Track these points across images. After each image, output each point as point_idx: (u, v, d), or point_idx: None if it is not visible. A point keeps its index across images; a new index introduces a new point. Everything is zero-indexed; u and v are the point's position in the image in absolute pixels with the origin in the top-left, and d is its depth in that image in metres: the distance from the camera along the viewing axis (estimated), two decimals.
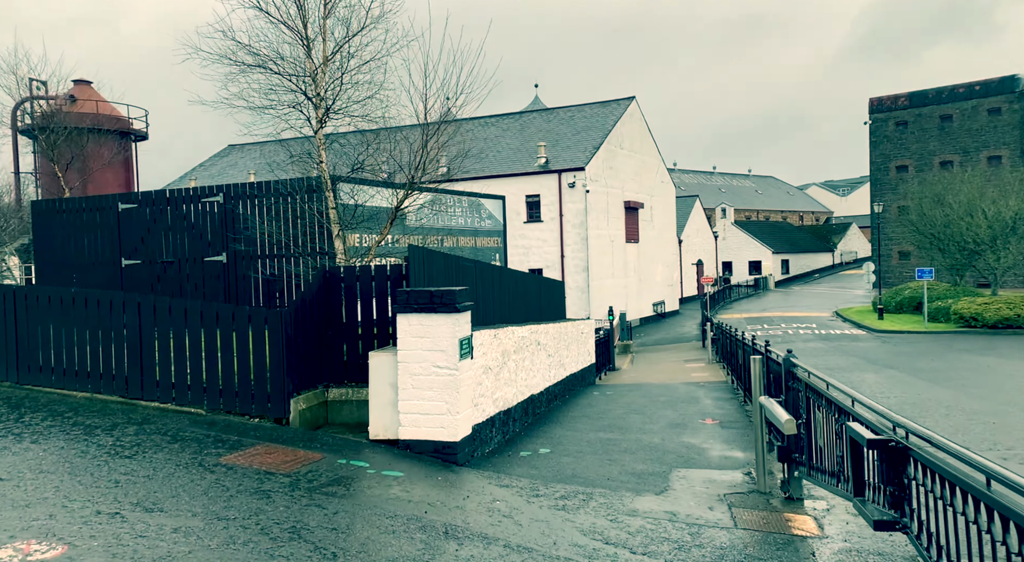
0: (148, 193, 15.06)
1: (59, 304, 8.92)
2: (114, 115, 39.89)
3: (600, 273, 37.62)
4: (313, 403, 8.67)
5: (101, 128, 37.61)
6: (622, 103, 42.73)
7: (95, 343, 8.73)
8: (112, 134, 38.31)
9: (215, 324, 8.29)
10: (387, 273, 8.92)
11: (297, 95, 10.00)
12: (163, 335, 8.45)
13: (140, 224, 14.57)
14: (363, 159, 10.31)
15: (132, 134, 40.86)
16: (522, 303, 13.38)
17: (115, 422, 7.76)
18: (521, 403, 11.04)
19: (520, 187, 37.74)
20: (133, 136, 41.19)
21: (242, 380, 8.27)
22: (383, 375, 8.13)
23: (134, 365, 8.56)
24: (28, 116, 34.69)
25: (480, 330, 8.94)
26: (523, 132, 42.49)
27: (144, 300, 8.53)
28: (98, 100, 39.99)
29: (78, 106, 38.79)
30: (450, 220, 15.28)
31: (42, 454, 6.54)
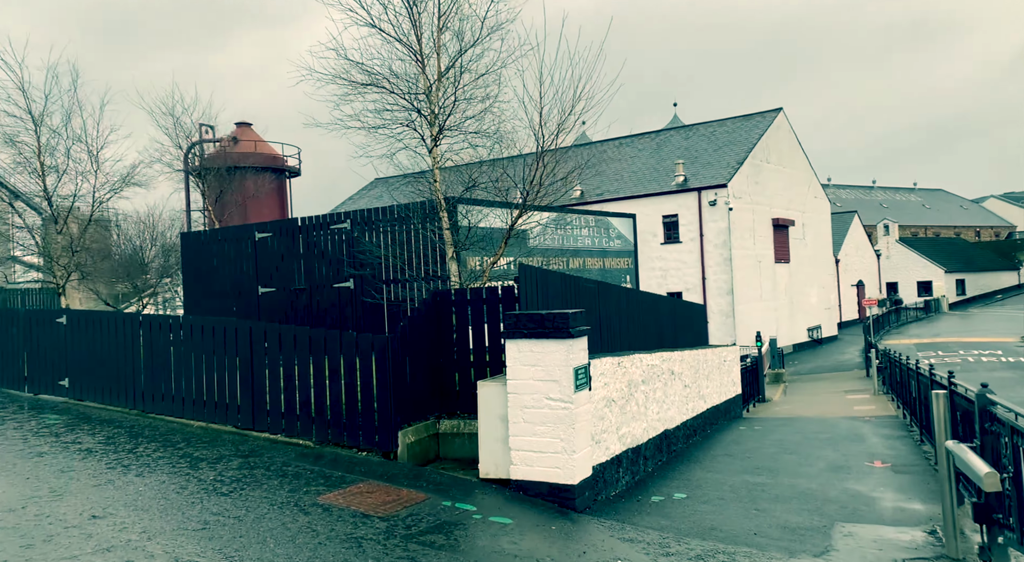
0: (281, 222, 15.40)
1: (178, 332, 8.95)
2: (270, 153, 42.57)
3: (746, 296, 35.34)
4: (423, 436, 8.10)
5: (259, 166, 40.25)
6: (767, 115, 40.38)
7: (210, 371, 8.64)
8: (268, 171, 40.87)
9: (322, 351, 7.93)
10: (498, 295, 8.25)
11: (410, 113, 9.64)
12: (272, 363, 8.21)
13: (275, 252, 14.89)
14: (476, 177, 9.76)
15: (286, 171, 43.39)
16: (653, 328, 12.30)
17: (222, 454, 7.52)
18: (653, 440, 9.96)
19: (656, 207, 36.37)
20: (287, 173, 43.72)
21: (349, 411, 7.84)
22: (492, 407, 7.41)
23: (246, 394, 8.38)
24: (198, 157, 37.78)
25: (601, 358, 8.04)
26: (660, 151, 41.12)
27: (255, 327, 8.35)
28: (256, 140, 42.81)
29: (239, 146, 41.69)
30: (575, 241, 14.49)
31: (142, 489, 6.33)
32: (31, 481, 6.45)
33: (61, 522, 5.43)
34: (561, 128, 9.52)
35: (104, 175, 15.22)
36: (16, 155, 14.51)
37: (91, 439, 8.02)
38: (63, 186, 15.01)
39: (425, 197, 10.35)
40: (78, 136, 14.95)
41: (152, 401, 9.23)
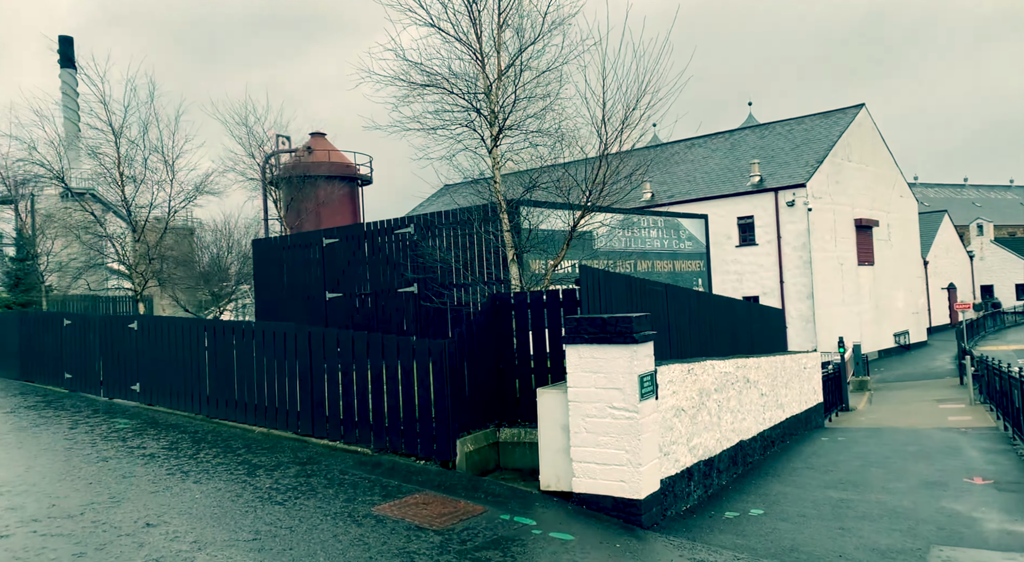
0: (347, 227, 15.48)
1: (240, 337, 8.96)
2: (343, 162, 43.44)
3: (827, 300, 33.83)
4: (482, 445, 7.83)
5: (332, 175, 41.11)
6: (849, 112, 38.68)
7: (270, 377, 8.61)
8: (341, 180, 41.70)
9: (379, 356, 7.77)
10: (559, 299, 7.92)
11: (469, 113, 9.43)
12: (330, 368, 8.10)
13: (341, 258, 14.96)
14: (537, 177, 9.45)
15: (358, 179, 44.20)
16: (727, 334, 11.71)
17: (280, 461, 7.44)
18: (727, 451, 9.42)
19: (731, 209, 35.26)
20: (359, 181, 44.51)
21: (406, 418, 7.64)
22: (553, 416, 7.07)
23: (305, 400, 8.30)
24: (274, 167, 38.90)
25: (668, 364, 7.60)
26: (733, 151, 39.92)
27: (313, 331, 8.26)
28: (330, 149, 43.73)
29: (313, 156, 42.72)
30: (643, 243, 14.01)
31: (199, 496, 6.27)
32: (93, 486, 6.49)
33: (116, 530, 5.39)
34: (625, 124, 9.13)
35: (179, 184, 15.65)
36: (97, 166, 15.05)
37: (155, 444, 8.09)
38: (140, 195, 15.49)
39: (485, 199, 10.12)
40: (155, 147, 15.44)
41: (216, 406, 9.28)
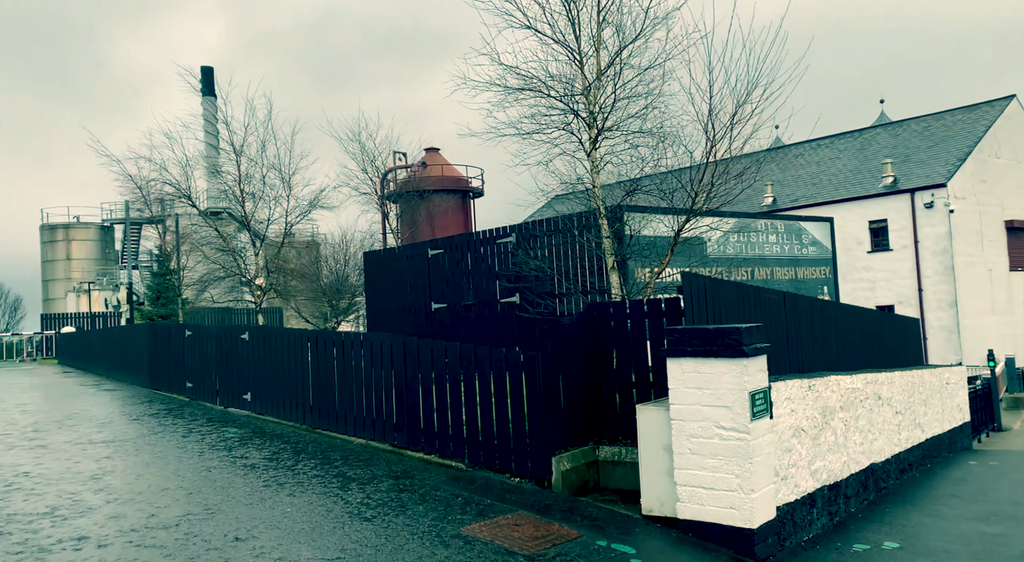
0: (450, 238, 15.49)
1: (341, 348, 8.98)
2: (455, 176, 44.21)
3: (973, 309, 30.95)
4: (580, 463, 7.42)
5: (445, 189, 41.96)
6: (997, 104, 35.40)
7: (368, 388, 8.57)
8: (454, 193, 42.50)
9: (472, 368, 7.54)
10: (661, 308, 7.41)
11: (566, 115, 9.10)
12: (425, 380, 7.95)
13: (445, 269, 14.98)
14: (638, 179, 8.98)
15: (470, 192, 44.86)
16: (855, 346, 10.72)
17: (374, 475, 7.33)
18: (855, 475, 8.54)
19: (860, 212, 33.00)
20: (471, 193, 45.16)
21: (500, 433, 7.36)
22: (654, 435, 6.57)
23: (401, 412, 8.19)
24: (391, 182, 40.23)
25: (786, 380, 6.92)
26: (863, 151, 37.43)
27: (408, 342, 8.14)
28: (443, 164, 44.67)
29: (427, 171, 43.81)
30: (760, 249, 13.14)
31: (289, 510, 6.22)
32: (192, 497, 6.59)
33: (205, 543, 5.38)
34: (735, 120, 8.51)
35: (295, 199, 16.21)
36: (220, 184, 15.81)
37: (257, 454, 8.20)
38: (259, 211, 16.16)
39: (585, 205, 9.74)
40: (272, 163, 16.06)
41: (318, 417, 9.36)
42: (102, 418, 10.97)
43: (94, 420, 10.79)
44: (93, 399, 13.64)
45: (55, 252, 56.56)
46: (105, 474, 7.37)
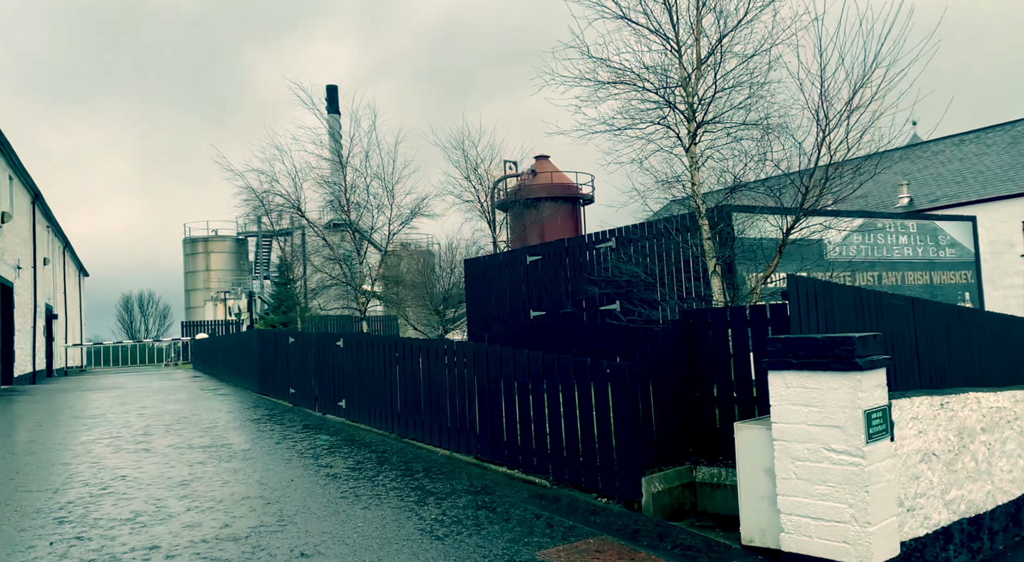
0: (550, 244, 15.14)
1: (433, 356, 8.78)
2: (565, 183, 43.90)
3: None
4: (673, 484, 6.83)
5: (554, 196, 41.80)
6: None
7: (451, 397, 8.32)
8: (564, 201, 42.25)
9: (556, 378, 7.11)
10: (766, 316, 6.71)
11: (662, 109, 8.54)
12: (507, 390, 7.60)
13: (543, 276, 14.64)
14: (742, 176, 8.28)
15: (580, 198, 44.45)
16: (1001, 359, 9.47)
17: (454, 489, 7.03)
18: (1003, 507, 7.45)
19: (1013, 211, 29.98)
20: (581, 200, 44.72)
21: (586, 449, 6.89)
22: (755, 456, 5.91)
23: (484, 424, 7.87)
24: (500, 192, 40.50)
25: (910, 397, 6.07)
26: (1016, 144, 34.07)
27: (490, 351, 7.83)
28: (552, 171, 44.50)
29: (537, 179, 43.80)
30: (889, 251, 11.96)
31: (360, 524, 6.02)
32: (269, 507, 6.52)
33: (271, 558, 5.25)
34: (852, 106, 7.67)
35: (398, 207, 16.36)
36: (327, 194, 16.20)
37: (342, 464, 8.11)
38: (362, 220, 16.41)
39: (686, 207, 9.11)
40: (375, 173, 16.29)
41: (406, 426, 9.21)
42: (207, 423, 11.33)
43: (199, 425, 11.16)
44: (206, 403, 14.21)
45: (195, 264, 60.64)
46: (194, 480, 7.48)
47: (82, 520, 6.15)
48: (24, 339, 24.87)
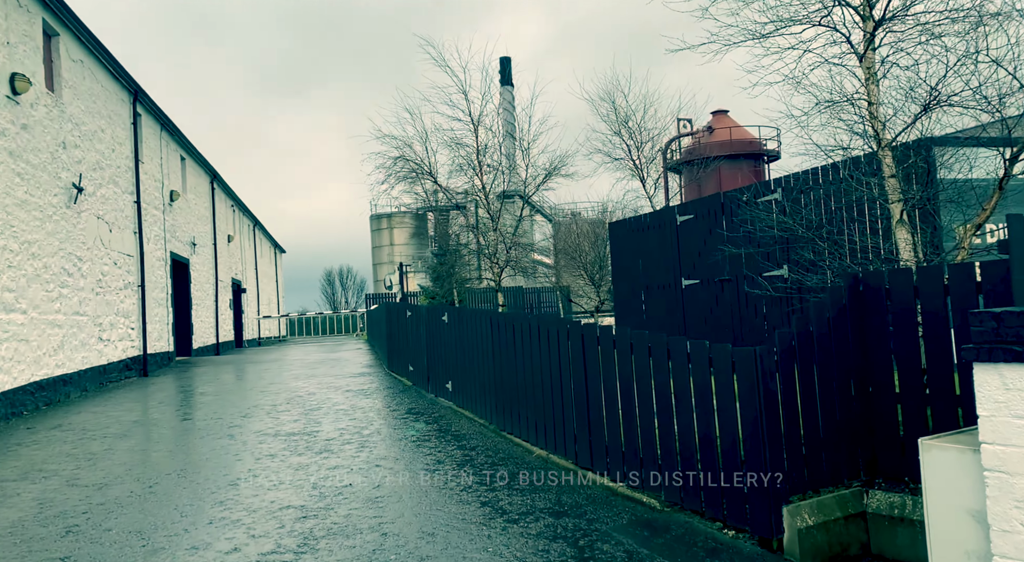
0: (702, 201, 13.08)
1: (521, 331, 7.34)
2: (746, 139, 40.51)
3: None
4: (833, 516, 4.93)
5: (734, 154, 38.72)
6: None
7: (545, 386, 6.84)
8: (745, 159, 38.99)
9: (664, 366, 5.42)
10: (974, 278, 4.58)
11: (824, 4, 6.39)
12: (607, 381, 6.00)
13: (697, 237, 12.66)
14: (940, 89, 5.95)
15: (764, 155, 40.84)
16: None
17: (533, 507, 5.59)
18: None
19: None
20: (765, 157, 41.09)
21: (706, 462, 5.17)
22: (952, 490, 3.93)
23: (581, 423, 6.34)
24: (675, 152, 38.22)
25: None
26: None
27: (587, 331, 6.24)
28: (731, 126, 41.23)
29: (714, 136, 40.88)
30: None
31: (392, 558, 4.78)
32: (325, 513, 5.46)
33: None
34: None
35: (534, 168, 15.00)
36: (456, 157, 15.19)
37: (420, 462, 6.93)
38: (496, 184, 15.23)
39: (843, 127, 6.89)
40: (509, 131, 14.99)
41: (504, 417, 7.88)
42: (313, 404, 10.70)
43: (305, 406, 10.55)
44: (331, 381, 13.77)
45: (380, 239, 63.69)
46: (244, 480, 6.63)
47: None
48: (204, 312, 26.50)
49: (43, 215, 11.95)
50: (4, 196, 10.54)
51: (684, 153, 38.08)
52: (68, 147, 13.28)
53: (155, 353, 18.94)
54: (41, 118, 12.07)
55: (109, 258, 15.43)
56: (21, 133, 11.22)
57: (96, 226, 14.67)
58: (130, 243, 17.09)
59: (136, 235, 17.54)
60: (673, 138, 38.06)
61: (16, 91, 10.92)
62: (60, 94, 13.20)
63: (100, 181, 15.03)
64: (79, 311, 13.41)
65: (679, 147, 38.86)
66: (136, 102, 17.98)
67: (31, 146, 11.59)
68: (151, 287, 18.80)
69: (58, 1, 12.71)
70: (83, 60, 14.34)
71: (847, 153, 7.07)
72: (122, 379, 15.81)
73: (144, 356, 17.51)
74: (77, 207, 13.58)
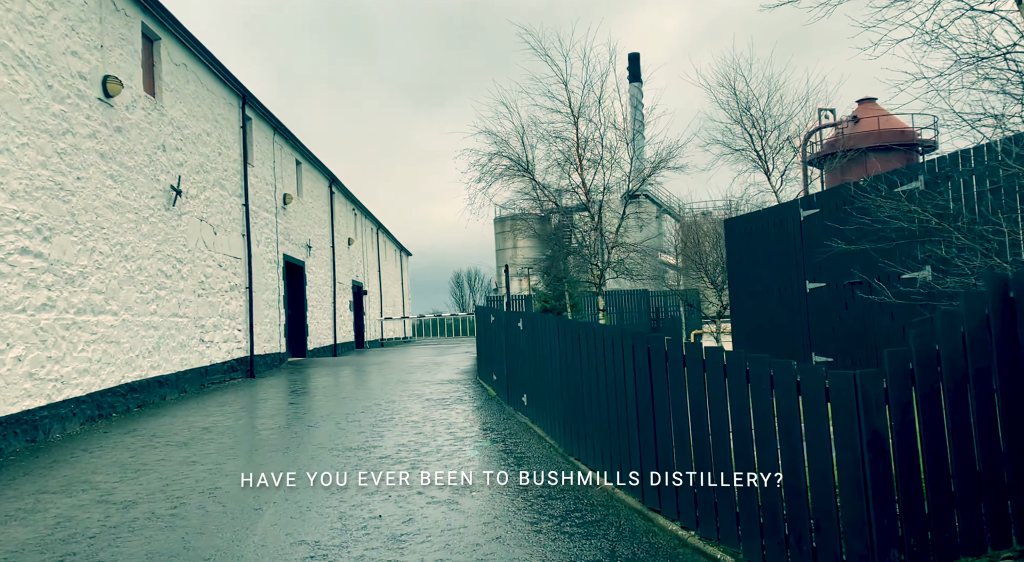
0: (828, 192, 11.56)
1: (580, 341, 6.40)
2: (896, 128, 37.27)
3: None
4: None
5: (884, 145, 35.77)
6: None
7: (606, 406, 5.88)
8: (897, 149, 35.86)
9: (744, 391, 4.37)
10: None
11: None
12: (675, 401, 4.98)
13: (823, 234, 11.17)
14: None
15: (918, 145, 37.39)
16: None
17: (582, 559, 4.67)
18: None
19: None
20: (920, 147, 37.61)
21: (793, 512, 4.08)
22: None
23: (647, 452, 5.34)
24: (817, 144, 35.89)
25: None
26: None
27: (653, 341, 5.23)
28: (880, 115, 38.08)
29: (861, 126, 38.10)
30: None
31: None
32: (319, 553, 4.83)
33: None
34: None
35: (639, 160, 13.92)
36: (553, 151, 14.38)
37: (460, 502, 6.14)
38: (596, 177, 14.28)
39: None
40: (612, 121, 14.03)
41: (570, 438, 6.97)
42: (391, 411, 10.18)
43: (386, 410, 10.04)
44: (417, 388, 13.27)
45: (504, 241, 64.27)
46: (264, 508, 6.09)
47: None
48: (321, 314, 27.09)
49: (138, 217, 12.20)
50: (94, 198, 10.76)
51: (825, 146, 35.57)
52: (168, 150, 13.59)
53: (265, 354, 19.32)
54: (138, 121, 12.35)
55: (213, 260, 15.77)
56: (114, 136, 11.47)
57: (199, 228, 14.99)
58: (237, 245, 17.46)
59: (244, 237, 17.93)
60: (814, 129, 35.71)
61: (108, 93, 11.16)
62: (160, 97, 13.52)
63: (204, 184, 15.37)
64: (178, 313, 13.69)
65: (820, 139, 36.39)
66: (245, 106, 18.41)
67: (126, 148, 11.85)
68: (261, 289, 19.20)
69: (158, 5, 13.01)
70: (186, 64, 14.69)
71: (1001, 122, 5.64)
72: (226, 380, 16.11)
73: (251, 358, 17.85)
74: (177, 209, 13.87)
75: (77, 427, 9.82)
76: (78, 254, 10.27)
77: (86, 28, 10.78)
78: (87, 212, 10.56)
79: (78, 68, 10.49)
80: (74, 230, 10.20)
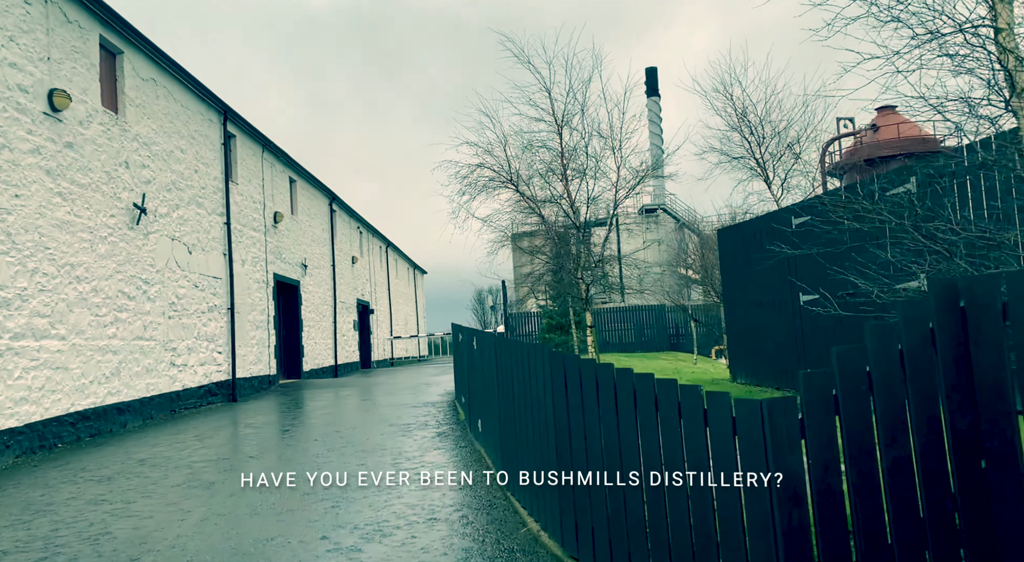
0: (820, 197, 10.87)
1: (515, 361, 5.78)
2: (916, 136, 36.45)
3: None
4: None
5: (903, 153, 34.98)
6: None
7: (528, 428, 5.25)
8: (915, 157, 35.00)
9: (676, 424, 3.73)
10: None
11: None
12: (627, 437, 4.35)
13: (816, 243, 10.48)
14: None
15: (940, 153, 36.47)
16: None
17: None
18: None
19: None
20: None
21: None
22: None
23: (566, 490, 4.70)
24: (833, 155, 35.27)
25: None
26: None
27: (585, 366, 4.61)
28: (899, 123, 37.27)
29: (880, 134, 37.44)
30: None
31: None
32: None
33: None
34: None
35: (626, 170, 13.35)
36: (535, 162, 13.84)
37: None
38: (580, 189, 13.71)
39: None
40: (597, 130, 13.47)
41: (509, 465, 6.32)
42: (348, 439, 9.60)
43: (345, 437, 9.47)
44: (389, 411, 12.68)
45: (520, 258, 63.85)
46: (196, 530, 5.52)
47: None
48: (319, 334, 26.64)
49: (94, 237, 11.82)
50: (37, 217, 10.38)
51: (844, 155, 34.88)
52: (132, 167, 13.24)
53: (250, 377, 18.87)
54: (94, 136, 12.00)
55: (188, 280, 15.37)
56: (64, 151, 11.11)
57: (170, 247, 14.61)
58: (217, 265, 17.08)
59: (226, 257, 17.55)
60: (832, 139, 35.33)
61: (56, 108, 10.81)
62: (124, 112, 13.19)
63: (176, 202, 15.01)
64: (143, 336, 13.27)
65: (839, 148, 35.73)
66: (227, 122, 18.11)
67: (78, 165, 11.49)
68: (246, 309, 18.80)
69: (118, 18, 12.71)
70: (155, 79, 14.39)
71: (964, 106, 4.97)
72: (203, 405, 15.66)
73: (232, 381, 17.40)
74: (142, 228, 13.50)
75: (11, 460, 9.35)
76: (15, 276, 9.86)
77: (28, 39, 10.46)
78: (28, 231, 10.16)
79: (17, 80, 10.14)
80: (10, 250, 9.79)
